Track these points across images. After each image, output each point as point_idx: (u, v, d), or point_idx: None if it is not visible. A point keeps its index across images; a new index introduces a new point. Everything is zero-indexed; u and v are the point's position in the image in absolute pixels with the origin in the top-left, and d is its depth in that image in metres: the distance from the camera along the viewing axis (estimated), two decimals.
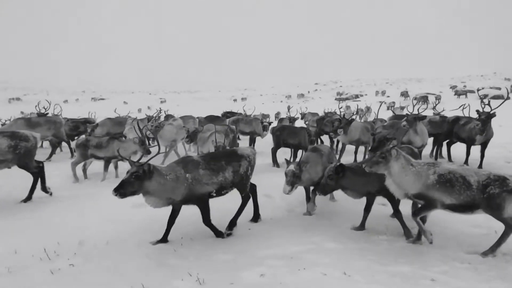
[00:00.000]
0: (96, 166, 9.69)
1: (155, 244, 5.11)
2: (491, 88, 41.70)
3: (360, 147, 10.56)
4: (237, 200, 5.83)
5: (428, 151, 11.04)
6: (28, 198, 7.19)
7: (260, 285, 4.00)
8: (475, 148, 9.38)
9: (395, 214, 5.46)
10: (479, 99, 9.81)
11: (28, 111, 32.79)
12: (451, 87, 53.01)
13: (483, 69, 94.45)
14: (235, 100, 63.56)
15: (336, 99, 55.45)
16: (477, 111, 8.90)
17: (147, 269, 4.41)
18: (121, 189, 4.60)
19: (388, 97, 51.01)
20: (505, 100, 8.65)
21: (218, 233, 5.38)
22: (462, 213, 4.70)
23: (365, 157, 10.44)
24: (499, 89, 39.07)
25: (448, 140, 10.47)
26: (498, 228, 4.79)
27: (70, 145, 12.38)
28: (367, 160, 5.31)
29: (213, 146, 8.09)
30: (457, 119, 10.06)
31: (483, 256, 4.58)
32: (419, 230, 5.04)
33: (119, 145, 8.70)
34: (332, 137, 11.98)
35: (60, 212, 6.49)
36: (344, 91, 66.60)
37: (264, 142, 13.56)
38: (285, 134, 10.42)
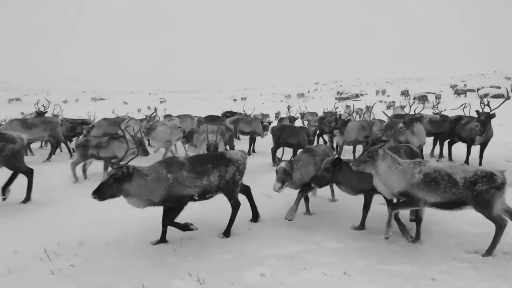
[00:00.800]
0: (96, 166, 9.68)
1: (155, 244, 5.11)
2: (491, 87, 41.71)
3: (359, 146, 10.56)
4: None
5: (429, 150, 11.04)
6: (26, 199, 7.18)
7: (261, 285, 4.00)
8: (475, 147, 9.38)
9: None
10: (479, 98, 9.81)
11: (29, 112, 32.69)
12: (451, 86, 52.98)
13: (484, 68, 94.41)
14: (235, 100, 63.57)
15: (336, 98, 55.45)
16: (477, 111, 8.89)
17: (147, 269, 4.40)
18: (99, 192, 4.55)
19: (389, 96, 51.04)
20: (505, 100, 8.62)
21: (183, 227, 5.09)
22: (449, 210, 4.73)
23: None
24: (498, 88, 39.05)
25: (449, 140, 10.46)
26: None
27: (68, 145, 12.34)
28: (355, 159, 5.31)
29: (205, 144, 7.95)
30: (459, 118, 10.04)
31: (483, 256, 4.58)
32: (417, 229, 5.07)
33: (119, 145, 8.69)
34: (329, 137, 12.04)
35: (60, 213, 6.50)
36: (344, 91, 66.58)
37: (265, 142, 13.56)
38: (285, 134, 10.43)
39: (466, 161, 9.31)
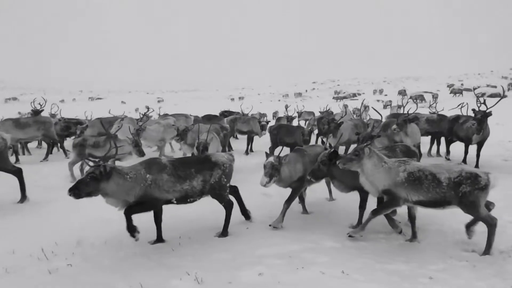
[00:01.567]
0: None
1: (153, 244, 5.11)
2: (488, 86, 41.88)
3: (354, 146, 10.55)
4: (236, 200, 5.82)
5: (426, 149, 11.07)
6: (22, 198, 7.12)
7: (259, 284, 4.00)
8: (473, 146, 9.41)
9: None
10: (475, 98, 9.85)
11: (25, 111, 32.50)
12: (448, 86, 53.14)
13: (481, 68, 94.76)
14: (233, 99, 63.47)
15: (333, 98, 55.51)
16: (473, 110, 8.93)
17: (146, 269, 4.39)
18: (75, 189, 4.50)
19: (386, 95, 51.11)
20: (501, 98, 8.66)
21: (131, 228, 4.82)
22: (432, 208, 4.76)
23: None
24: (494, 87, 39.20)
25: (448, 139, 10.48)
26: None
27: (63, 145, 12.26)
28: (341, 157, 5.26)
29: (196, 143, 7.90)
30: (457, 117, 10.07)
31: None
32: (412, 228, 5.10)
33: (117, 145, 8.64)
34: (321, 138, 12.08)
35: (57, 212, 6.47)
36: (341, 90, 66.69)
37: (262, 141, 13.56)
38: (282, 134, 10.44)
39: (464, 160, 9.34)
